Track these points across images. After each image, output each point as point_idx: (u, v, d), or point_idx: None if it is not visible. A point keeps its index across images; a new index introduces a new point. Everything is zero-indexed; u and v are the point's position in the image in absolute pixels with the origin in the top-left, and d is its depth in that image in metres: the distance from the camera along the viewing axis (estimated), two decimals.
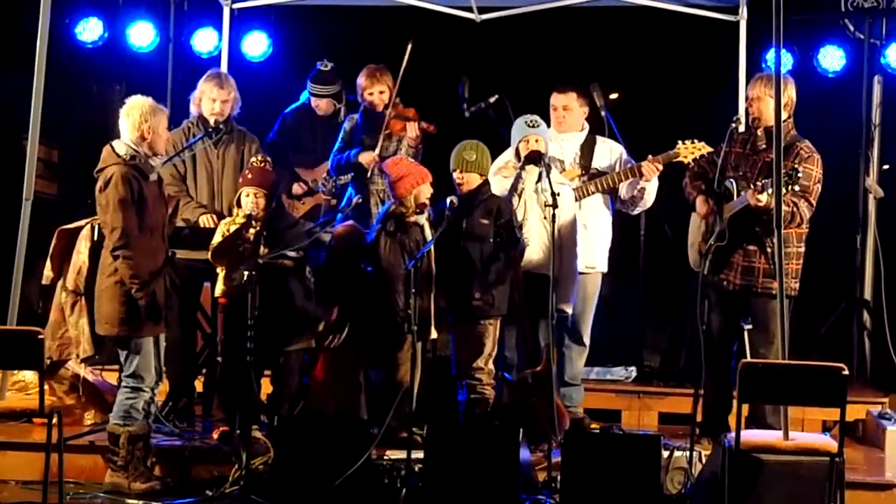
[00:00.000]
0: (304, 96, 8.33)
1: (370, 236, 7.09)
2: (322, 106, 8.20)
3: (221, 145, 7.44)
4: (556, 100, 7.62)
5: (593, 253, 7.51)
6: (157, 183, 6.66)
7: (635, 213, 7.76)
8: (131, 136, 6.56)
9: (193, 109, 7.52)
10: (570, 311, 7.28)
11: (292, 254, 6.94)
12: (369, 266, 7.01)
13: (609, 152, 7.60)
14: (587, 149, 7.57)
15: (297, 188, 8.17)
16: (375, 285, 6.98)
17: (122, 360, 6.62)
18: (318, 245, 7.15)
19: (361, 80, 7.66)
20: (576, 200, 7.39)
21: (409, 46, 7.53)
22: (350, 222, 7.21)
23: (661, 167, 7.41)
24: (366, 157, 7.51)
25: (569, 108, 7.57)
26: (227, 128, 7.44)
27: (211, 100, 7.40)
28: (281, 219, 7.28)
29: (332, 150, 7.74)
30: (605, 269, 7.61)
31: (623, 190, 7.55)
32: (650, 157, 7.42)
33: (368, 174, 7.55)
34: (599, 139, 7.63)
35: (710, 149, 7.36)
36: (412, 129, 7.48)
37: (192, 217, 7.33)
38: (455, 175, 7.11)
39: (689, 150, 7.40)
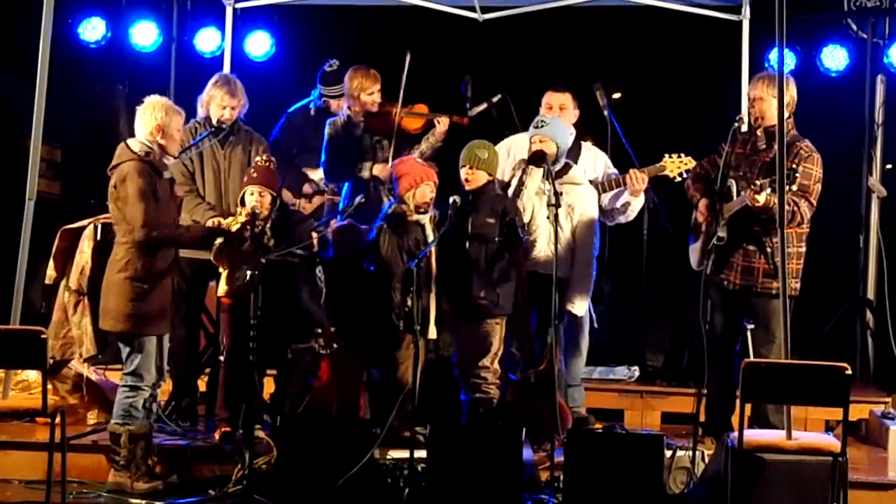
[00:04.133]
0: (313, 94, 8.27)
1: (371, 233, 7.10)
2: (340, 105, 8.09)
3: (228, 146, 7.44)
4: (552, 98, 7.57)
5: None
6: (170, 182, 6.70)
7: (612, 224, 7.69)
8: (145, 134, 6.58)
9: (201, 111, 7.51)
10: (582, 311, 7.27)
11: (299, 251, 6.94)
12: (371, 265, 7.02)
13: (594, 160, 7.55)
14: (572, 154, 7.54)
15: (307, 188, 8.15)
16: (374, 283, 6.99)
17: (123, 358, 6.62)
18: (327, 244, 7.15)
19: (360, 80, 7.60)
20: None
21: (409, 57, 7.51)
22: (348, 220, 7.21)
23: (646, 179, 7.39)
24: (381, 171, 7.48)
25: (564, 107, 7.52)
26: (233, 128, 7.45)
27: (221, 106, 7.40)
28: (291, 215, 7.27)
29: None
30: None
31: (605, 200, 7.51)
32: (636, 167, 7.41)
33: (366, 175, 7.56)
34: (585, 146, 7.57)
35: (695, 163, 7.36)
36: (443, 124, 7.48)
37: (201, 219, 7.31)
38: (464, 171, 7.09)
39: (676, 165, 7.38)
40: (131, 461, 6.53)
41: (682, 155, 7.40)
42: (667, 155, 7.42)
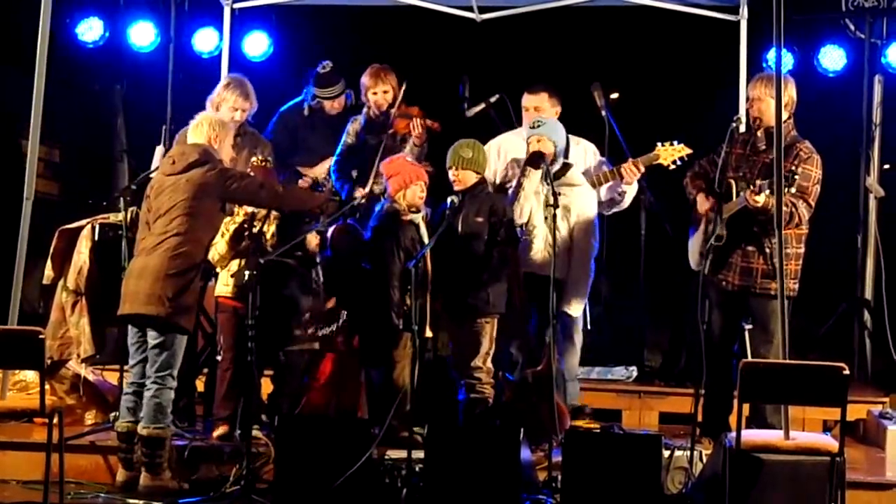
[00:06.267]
0: (306, 93, 8.26)
1: (367, 234, 7.10)
2: (335, 106, 8.13)
3: (235, 148, 7.43)
4: (528, 100, 7.56)
5: None
6: None
7: (609, 213, 7.70)
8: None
9: (210, 111, 7.50)
10: (577, 313, 7.27)
11: (298, 252, 6.94)
12: (369, 265, 7.02)
13: (584, 153, 7.55)
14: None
15: (302, 184, 8.14)
16: (370, 283, 6.99)
17: (131, 356, 6.59)
18: (326, 244, 7.15)
19: (365, 79, 7.66)
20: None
21: (404, 86, 7.54)
22: (348, 221, 7.21)
23: (642, 169, 7.39)
24: (359, 194, 7.50)
25: (540, 108, 7.50)
26: (240, 130, 7.44)
27: (233, 109, 7.38)
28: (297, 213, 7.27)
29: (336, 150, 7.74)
30: None
31: (602, 192, 7.52)
32: (630, 159, 7.41)
33: (372, 175, 7.56)
34: (573, 140, 7.57)
35: (689, 151, 7.36)
36: (417, 127, 7.47)
37: None
38: (451, 173, 7.10)
39: (669, 153, 7.38)
40: (158, 461, 6.48)
41: (676, 142, 7.39)
42: (659, 143, 7.41)
